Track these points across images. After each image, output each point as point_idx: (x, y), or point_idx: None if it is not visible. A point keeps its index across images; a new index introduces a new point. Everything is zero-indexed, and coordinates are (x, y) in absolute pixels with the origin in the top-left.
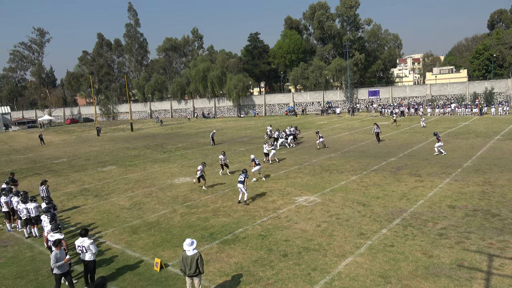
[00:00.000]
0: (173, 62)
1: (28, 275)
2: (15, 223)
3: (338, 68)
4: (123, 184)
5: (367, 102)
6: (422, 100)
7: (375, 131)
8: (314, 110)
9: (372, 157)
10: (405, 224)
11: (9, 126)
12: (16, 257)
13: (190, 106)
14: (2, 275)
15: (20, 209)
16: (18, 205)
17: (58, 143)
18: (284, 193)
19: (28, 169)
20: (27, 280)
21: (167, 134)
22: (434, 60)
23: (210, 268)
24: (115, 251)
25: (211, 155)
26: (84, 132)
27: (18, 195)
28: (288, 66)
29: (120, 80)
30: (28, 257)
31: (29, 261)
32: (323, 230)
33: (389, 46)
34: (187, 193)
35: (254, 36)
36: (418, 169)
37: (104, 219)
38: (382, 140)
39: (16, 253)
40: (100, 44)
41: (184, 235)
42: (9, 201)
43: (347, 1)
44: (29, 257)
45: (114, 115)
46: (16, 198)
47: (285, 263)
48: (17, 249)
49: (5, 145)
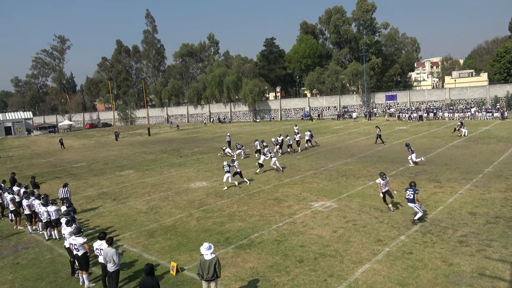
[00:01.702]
0: (189, 68)
1: (48, 277)
2: (36, 225)
3: (355, 72)
4: (141, 188)
5: (384, 107)
6: (441, 104)
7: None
8: (330, 115)
9: (389, 162)
10: (424, 231)
11: (31, 131)
12: (36, 258)
13: (206, 111)
14: (24, 276)
15: (41, 211)
16: (39, 208)
17: (78, 147)
18: (300, 198)
19: (48, 172)
20: (47, 282)
21: (183, 139)
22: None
23: (225, 273)
24: (132, 255)
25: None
26: (102, 136)
27: (40, 198)
28: (303, 71)
29: (138, 86)
30: (48, 259)
31: (49, 263)
32: (340, 236)
33: (407, 50)
34: (203, 198)
35: (270, 41)
36: (437, 175)
37: (121, 223)
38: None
39: (37, 255)
40: (119, 50)
41: (200, 239)
42: (31, 204)
43: (363, 5)
44: (49, 259)
45: (132, 120)
46: (38, 201)
47: (301, 269)
48: (37, 251)
49: (27, 149)
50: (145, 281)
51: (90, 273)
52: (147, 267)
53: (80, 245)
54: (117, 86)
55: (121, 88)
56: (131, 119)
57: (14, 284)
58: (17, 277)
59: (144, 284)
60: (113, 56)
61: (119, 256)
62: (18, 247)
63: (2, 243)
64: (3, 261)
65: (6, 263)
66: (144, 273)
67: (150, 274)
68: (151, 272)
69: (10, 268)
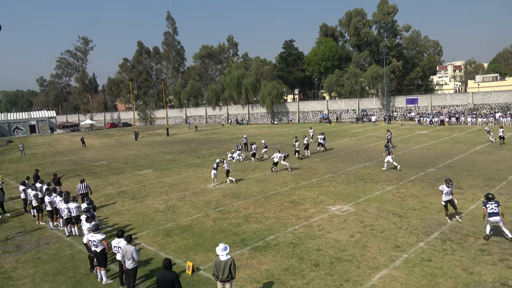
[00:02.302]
0: (208, 69)
1: (68, 272)
2: (57, 221)
3: (375, 75)
4: (158, 187)
5: (405, 110)
6: (464, 109)
7: (388, 137)
8: (349, 118)
9: (409, 167)
10: (444, 238)
11: (54, 129)
12: (57, 254)
13: (224, 112)
14: (44, 271)
15: (62, 208)
16: (60, 205)
17: (99, 146)
18: (316, 201)
19: (70, 170)
20: (66, 277)
21: (201, 140)
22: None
23: (241, 274)
24: (149, 253)
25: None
26: (123, 136)
27: (61, 195)
28: (322, 73)
29: (157, 87)
30: (68, 255)
31: (68, 259)
32: (357, 241)
33: (429, 53)
34: (219, 198)
35: (289, 43)
36: (459, 181)
37: (139, 221)
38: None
39: (57, 251)
40: (140, 51)
41: (216, 240)
42: (53, 201)
43: (384, 8)
44: (68, 255)
45: (151, 120)
46: (59, 197)
47: (316, 273)
48: (58, 247)
49: (50, 147)
50: (164, 274)
51: (108, 270)
52: (166, 261)
53: (98, 242)
54: (137, 87)
55: (141, 89)
56: (150, 119)
57: (35, 278)
58: (38, 271)
59: (163, 278)
60: (134, 57)
61: (137, 253)
62: (40, 242)
63: (25, 238)
64: (25, 255)
65: (28, 257)
66: (163, 267)
67: (169, 268)
68: (170, 266)
69: (31, 263)
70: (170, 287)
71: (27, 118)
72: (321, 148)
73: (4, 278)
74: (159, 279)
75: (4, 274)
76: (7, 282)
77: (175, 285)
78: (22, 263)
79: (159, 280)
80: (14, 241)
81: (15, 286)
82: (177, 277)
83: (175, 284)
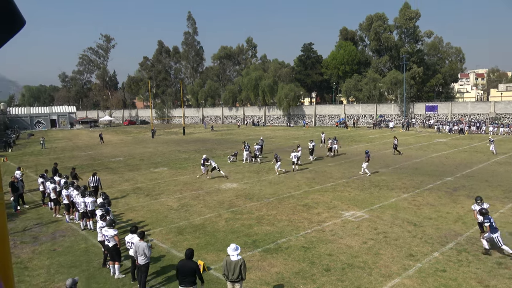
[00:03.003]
0: (226, 70)
1: (81, 265)
2: (73, 215)
3: (394, 81)
4: (173, 185)
5: (424, 117)
6: (485, 118)
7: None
8: (366, 123)
9: (426, 175)
10: (460, 248)
11: (74, 125)
12: (71, 247)
13: (241, 113)
14: (59, 263)
15: (78, 202)
16: (77, 199)
17: (116, 142)
18: (330, 206)
19: (87, 165)
20: (80, 270)
21: (217, 140)
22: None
23: (251, 276)
24: (161, 250)
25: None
26: (140, 133)
27: (78, 189)
28: (341, 77)
29: (176, 86)
30: (82, 248)
31: (83, 252)
32: (370, 248)
33: (451, 60)
34: (232, 199)
35: (308, 46)
36: (477, 191)
37: (153, 218)
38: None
39: (72, 244)
40: (160, 50)
41: (228, 240)
42: (70, 194)
43: (406, 13)
44: (83, 248)
45: (168, 119)
46: (76, 191)
47: (327, 278)
48: (73, 240)
49: (69, 142)
50: (185, 263)
51: (121, 265)
52: (188, 251)
53: (111, 237)
54: (156, 85)
55: (160, 87)
56: (167, 117)
57: (50, 269)
58: (53, 263)
59: (184, 267)
60: (154, 56)
61: (149, 250)
62: (56, 235)
63: (41, 230)
64: (41, 247)
65: (44, 248)
66: (185, 257)
67: (191, 258)
68: (192, 256)
69: (47, 254)
70: (190, 275)
71: (49, 113)
72: (330, 153)
73: (20, 268)
74: (180, 267)
75: (21, 264)
76: (23, 272)
77: (196, 274)
78: (38, 254)
79: (179, 268)
80: (31, 232)
81: (31, 276)
82: (197, 267)
83: (196, 272)
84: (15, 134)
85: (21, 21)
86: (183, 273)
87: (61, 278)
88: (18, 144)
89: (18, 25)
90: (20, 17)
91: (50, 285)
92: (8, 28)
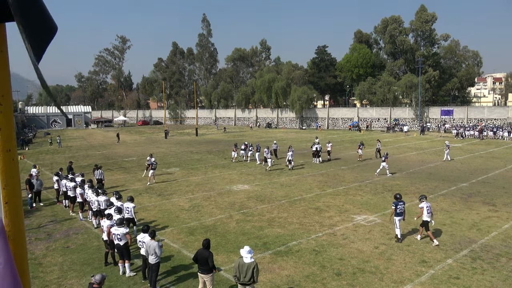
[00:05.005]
0: (240, 72)
1: (94, 263)
2: (87, 213)
3: (409, 84)
4: (185, 186)
5: (439, 122)
6: (503, 123)
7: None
8: (380, 127)
9: (441, 180)
10: (474, 256)
11: (89, 124)
12: (84, 244)
13: (253, 115)
14: (72, 260)
15: (92, 200)
16: (91, 197)
17: (130, 142)
18: (342, 210)
19: (101, 164)
20: (92, 267)
21: (229, 141)
22: None
23: (261, 278)
24: (172, 250)
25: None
26: (153, 133)
27: (92, 188)
28: (354, 80)
29: (189, 87)
30: (95, 246)
31: (95, 250)
32: (381, 253)
33: (467, 64)
34: (244, 200)
35: (322, 48)
36: (493, 198)
37: (164, 218)
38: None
39: (85, 241)
40: (174, 52)
41: (238, 242)
42: (84, 193)
43: (423, 16)
44: (95, 246)
45: (182, 120)
46: (90, 190)
47: (338, 282)
48: (86, 238)
49: (84, 141)
50: (202, 252)
51: (132, 263)
52: (205, 241)
53: (122, 235)
54: (170, 86)
55: (174, 88)
56: (180, 118)
57: (63, 266)
58: (66, 260)
59: (201, 254)
60: (169, 58)
61: (160, 249)
62: (69, 232)
63: (56, 227)
64: (55, 244)
65: (58, 245)
66: (202, 246)
67: (207, 248)
68: (209, 246)
69: (61, 251)
70: (207, 263)
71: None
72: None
73: (35, 264)
74: (198, 254)
75: (35, 261)
76: (37, 268)
77: (209, 261)
78: (52, 250)
79: (198, 255)
80: (46, 229)
81: (44, 272)
82: (211, 256)
83: (208, 260)
84: (32, 133)
85: (55, 27)
86: (201, 261)
87: (73, 275)
88: (34, 142)
89: (54, 31)
90: (54, 24)
91: (63, 281)
92: (47, 37)
